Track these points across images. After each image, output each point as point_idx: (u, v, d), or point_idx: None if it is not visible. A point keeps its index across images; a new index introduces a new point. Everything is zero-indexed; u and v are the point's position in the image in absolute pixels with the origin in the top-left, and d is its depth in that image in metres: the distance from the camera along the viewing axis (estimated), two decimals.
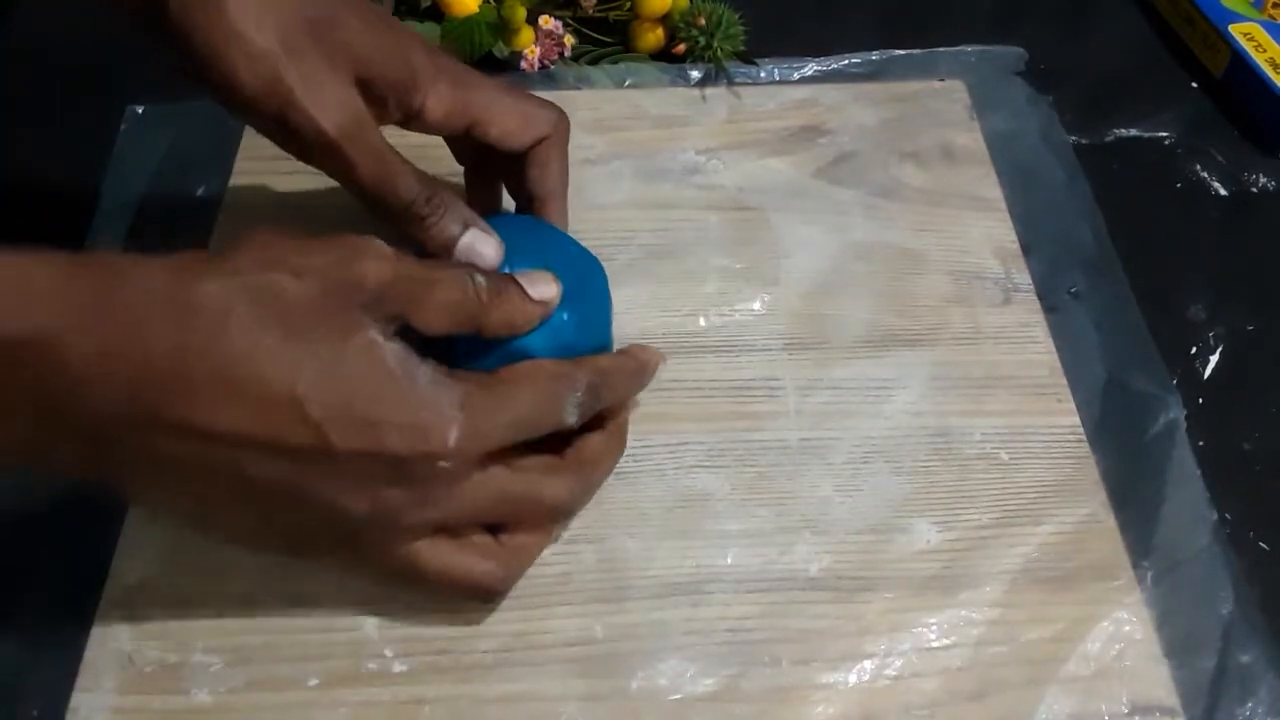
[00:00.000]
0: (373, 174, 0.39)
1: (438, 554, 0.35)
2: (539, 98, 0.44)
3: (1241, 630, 0.39)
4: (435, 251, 0.40)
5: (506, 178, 0.46)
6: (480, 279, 0.36)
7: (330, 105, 0.37)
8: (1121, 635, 0.39)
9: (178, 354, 0.30)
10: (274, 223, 0.33)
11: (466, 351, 0.38)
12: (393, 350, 0.33)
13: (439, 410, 0.33)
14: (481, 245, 0.40)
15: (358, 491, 0.33)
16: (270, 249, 0.33)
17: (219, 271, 0.32)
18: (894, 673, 0.38)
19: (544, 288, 0.38)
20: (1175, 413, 0.45)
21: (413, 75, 0.40)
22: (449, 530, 0.36)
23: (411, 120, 0.41)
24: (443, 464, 0.33)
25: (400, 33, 0.40)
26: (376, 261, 0.34)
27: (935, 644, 0.38)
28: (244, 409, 0.31)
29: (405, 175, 0.39)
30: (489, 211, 0.44)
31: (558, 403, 0.36)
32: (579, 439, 0.39)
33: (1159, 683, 0.38)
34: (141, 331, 0.30)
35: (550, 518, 0.39)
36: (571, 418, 0.37)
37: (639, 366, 0.40)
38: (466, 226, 0.40)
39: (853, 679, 0.38)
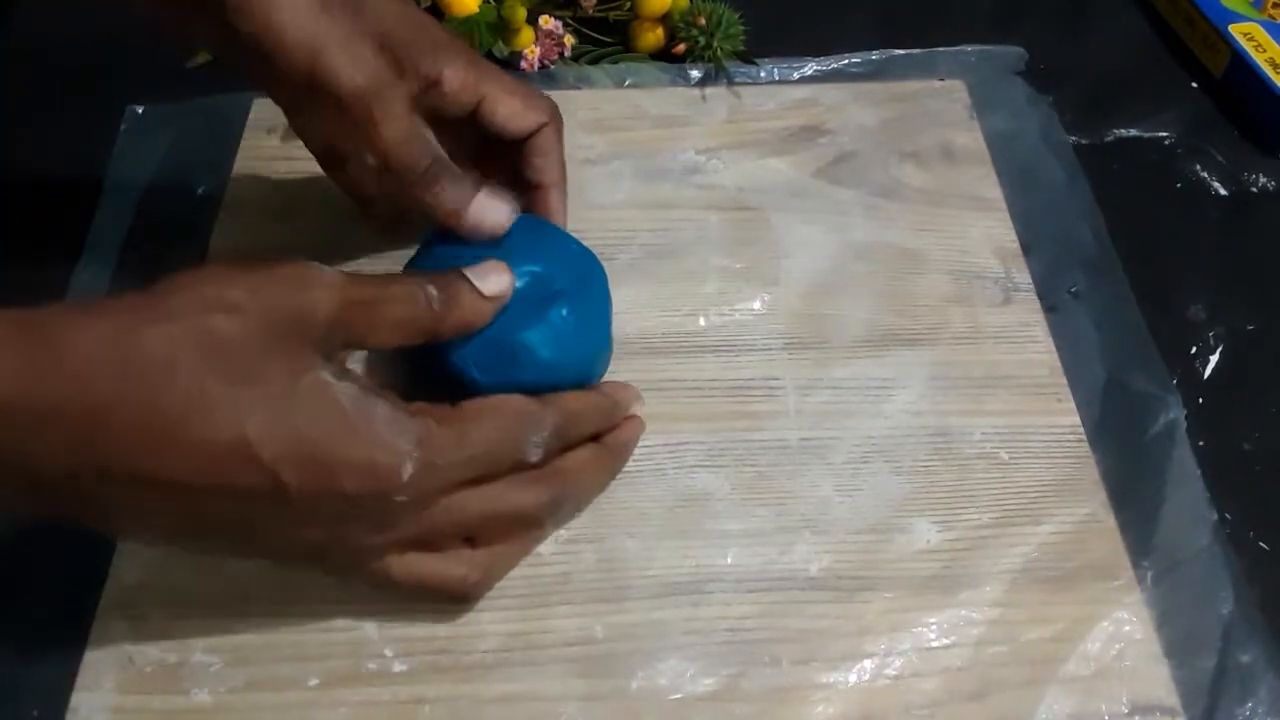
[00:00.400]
0: (395, 132, 0.39)
1: (407, 565, 0.36)
2: (536, 89, 0.44)
3: (1241, 630, 0.39)
4: (445, 219, 0.40)
5: (506, 171, 0.46)
6: (431, 289, 0.36)
7: (360, 61, 0.38)
8: (1121, 635, 0.39)
9: (122, 408, 0.30)
10: (274, 225, 0.33)
11: (458, 344, 0.38)
12: (345, 389, 0.33)
13: (394, 449, 0.33)
14: (493, 206, 0.40)
15: (314, 526, 0.33)
16: (211, 286, 0.32)
17: (160, 317, 0.31)
18: (894, 673, 0.38)
19: (495, 281, 0.38)
20: (1175, 413, 0.45)
21: (433, 46, 0.40)
22: (419, 543, 0.36)
23: (429, 90, 0.41)
24: (399, 498, 0.33)
25: (420, 12, 0.42)
26: (323, 290, 0.33)
27: (935, 644, 0.38)
28: (193, 457, 0.31)
29: (424, 139, 0.40)
30: None
31: (519, 443, 0.36)
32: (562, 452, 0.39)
33: (1159, 683, 0.38)
34: (85, 388, 0.30)
35: (523, 526, 0.38)
36: (534, 456, 0.37)
37: (612, 406, 0.41)
38: (477, 189, 0.40)
39: (853, 679, 0.38)
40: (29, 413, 0.29)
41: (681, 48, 0.58)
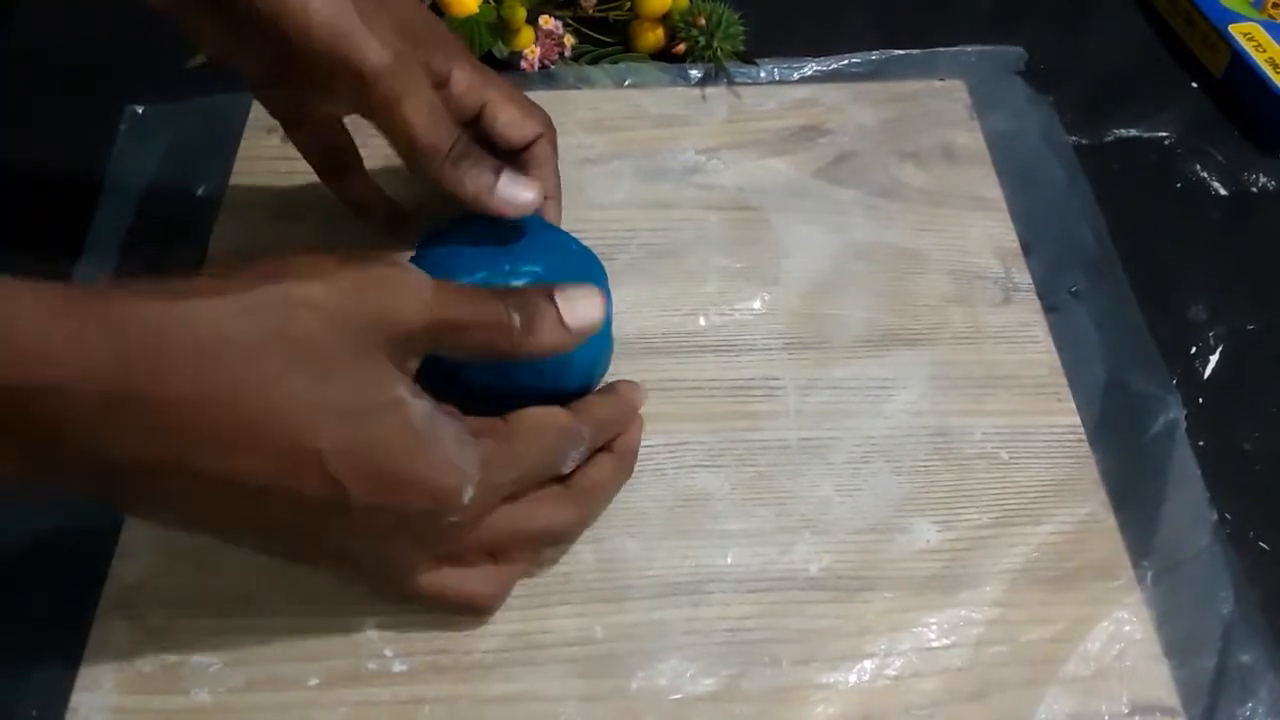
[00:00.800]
0: (420, 110, 0.38)
1: (436, 579, 0.36)
2: (533, 101, 0.44)
3: (1242, 630, 0.39)
4: (467, 200, 0.39)
5: None
6: (515, 316, 0.35)
7: (385, 40, 0.37)
8: (1122, 635, 0.39)
9: (205, 403, 0.30)
10: (274, 225, 0.32)
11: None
12: (418, 408, 0.33)
13: (460, 471, 0.33)
14: (517, 188, 0.39)
15: (365, 538, 0.33)
16: (300, 281, 0.32)
17: (246, 309, 0.31)
18: (894, 673, 0.38)
19: (584, 312, 0.36)
20: (1175, 413, 0.45)
21: (444, 45, 0.40)
22: (450, 558, 0.36)
23: (439, 87, 0.40)
24: (453, 519, 0.34)
25: (430, 11, 0.42)
26: (415, 304, 0.33)
27: (935, 644, 0.38)
28: (265, 460, 0.31)
29: (447, 120, 0.39)
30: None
31: (562, 458, 0.37)
32: (584, 465, 0.39)
33: (1159, 683, 0.38)
34: (163, 376, 0.29)
35: (548, 544, 0.39)
36: (567, 468, 0.37)
37: (630, 410, 0.40)
38: (499, 171, 0.39)
39: (853, 679, 0.38)
40: (95, 398, 0.28)
41: (681, 48, 0.58)
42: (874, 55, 0.58)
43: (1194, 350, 0.48)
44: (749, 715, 0.37)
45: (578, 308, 0.36)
